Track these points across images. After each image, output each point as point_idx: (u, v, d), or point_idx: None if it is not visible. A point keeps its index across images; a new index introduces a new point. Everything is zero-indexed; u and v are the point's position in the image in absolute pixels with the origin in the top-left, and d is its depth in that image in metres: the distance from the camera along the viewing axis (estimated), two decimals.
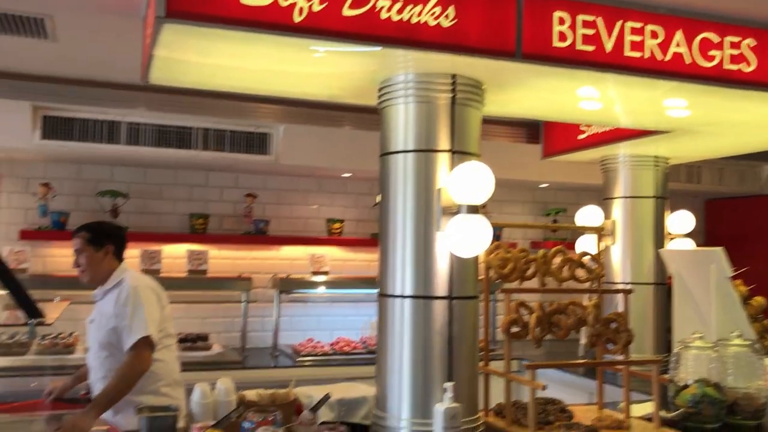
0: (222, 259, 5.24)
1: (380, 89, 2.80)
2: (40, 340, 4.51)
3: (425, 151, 2.69)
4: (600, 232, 3.46)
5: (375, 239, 5.50)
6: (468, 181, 2.55)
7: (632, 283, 4.30)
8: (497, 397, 3.04)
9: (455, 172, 2.58)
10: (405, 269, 2.69)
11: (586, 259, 3.09)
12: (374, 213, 5.63)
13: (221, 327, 5.22)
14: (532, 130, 5.21)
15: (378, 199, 2.89)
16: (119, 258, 3.27)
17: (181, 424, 2.76)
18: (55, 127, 4.33)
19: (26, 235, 4.69)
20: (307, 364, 4.70)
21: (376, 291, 5.26)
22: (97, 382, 3.17)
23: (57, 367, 4.14)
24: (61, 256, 4.87)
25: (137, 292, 3.10)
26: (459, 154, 2.69)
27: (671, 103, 3.16)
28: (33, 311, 2.84)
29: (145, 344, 3.02)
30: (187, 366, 4.18)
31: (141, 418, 2.67)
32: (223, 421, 2.56)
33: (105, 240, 3.20)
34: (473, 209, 2.57)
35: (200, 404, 2.77)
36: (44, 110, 4.31)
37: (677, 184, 5.58)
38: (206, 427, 2.46)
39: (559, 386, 3.86)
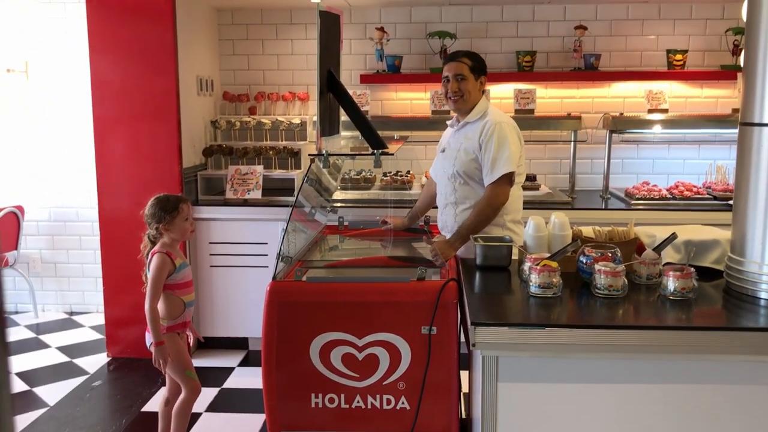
0: (549, 98, 5.05)
1: None
2: (382, 176, 4.90)
3: None
4: None
5: (726, 72, 4.84)
6: None
7: None
8: None
9: None
10: None
11: None
12: (726, 41, 4.87)
13: (549, 168, 5.13)
14: None
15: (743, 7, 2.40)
16: (483, 92, 3.24)
17: (515, 255, 2.78)
18: None
19: (366, 79, 5.00)
20: (640, 207, 4.39)
21: (725, 131, 4.74)
22: (446, 207, 3.26)
23: (397, 201, 4.48)
24: (397, 99, 5.14)
25: (503, 128, 3.06)
26: None
27: None
28: (378, 143, 3.00)
29: (507, 180, 3.03)
30: None
31: (477, 246, 2.75)
32: (559, 254, 2.49)
33: (482, 71, 3.18)
34: None
35: (534, 237, 2.73)
36: None
37: None
38: (541, 258, 2.41)
39: None
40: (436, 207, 3.39)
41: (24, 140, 5.48)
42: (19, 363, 4.56)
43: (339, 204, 4.44)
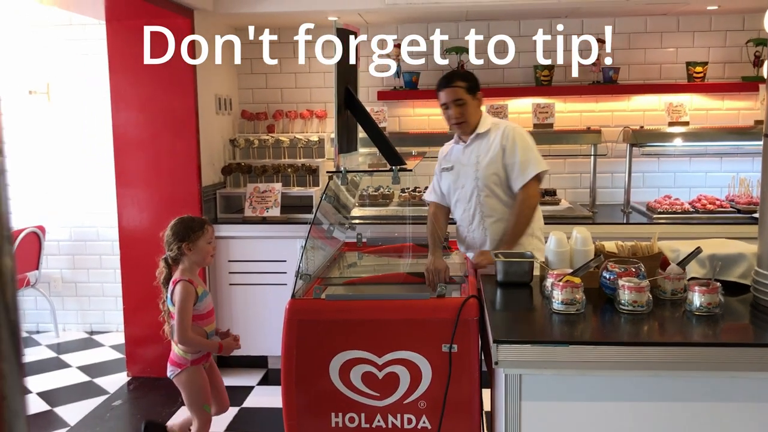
0: (568, 112, 5.02)
1: None
2: (400, 192, 4.88)
3: None
4: None
5: (747, 83, 4.78)
6: None
7: None
8: None
9: None
10: None
11: None
12: (747, 52, 4.82)
13: (569, 183, 5.09)
14: None
15: None
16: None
17: (536, 271, 2.74)
18: None
19: (383, 95, 4.99)
20: (662, 221, 4.33)
21: (747, 143, 4.67)
22: (472, 223, 3.26)
23: (414, 217, 4.45)
24: (414, 115, 5.14)
25: (522, 132, 3.18)
26: None
27: None
28: (396, 159, 2.99)
29: (538, 179, 3.12)
30: None
31: (498, 262, 2.71)
32: (581, 270, 2.45)
33: (477, 87, 3.24)
34: None
35: (556, 252, 2.70)
36: None
37: None
38: (563, 274, 2.37)
39: None
40: (453, 222, 3.39)
41: (45, 161, 5.54)
42: (39, 383, 4.57)
43: (357, 221, 4.43)
